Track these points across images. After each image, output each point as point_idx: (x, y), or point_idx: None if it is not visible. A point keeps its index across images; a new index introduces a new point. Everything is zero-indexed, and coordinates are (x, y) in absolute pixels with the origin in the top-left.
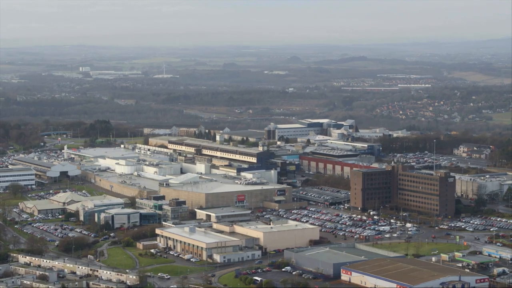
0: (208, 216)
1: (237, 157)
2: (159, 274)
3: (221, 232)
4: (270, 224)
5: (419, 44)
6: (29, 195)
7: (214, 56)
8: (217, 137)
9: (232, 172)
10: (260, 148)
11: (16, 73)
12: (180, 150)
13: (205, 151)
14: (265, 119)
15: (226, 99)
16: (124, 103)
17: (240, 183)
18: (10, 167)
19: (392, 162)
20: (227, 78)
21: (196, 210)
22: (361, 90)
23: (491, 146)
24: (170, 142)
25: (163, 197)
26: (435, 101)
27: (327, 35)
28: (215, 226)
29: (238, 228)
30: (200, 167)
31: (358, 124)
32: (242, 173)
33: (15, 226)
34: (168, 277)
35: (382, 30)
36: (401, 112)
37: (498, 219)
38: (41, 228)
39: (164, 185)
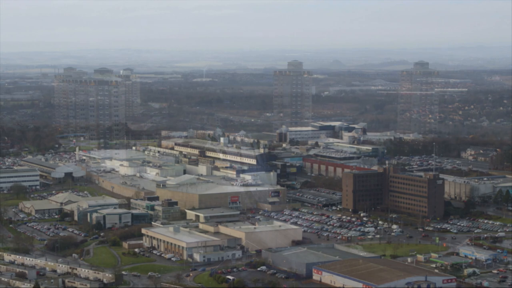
0: (197, 217)
1: (238, 159)
2: (149, 273)
3: (206, 232)
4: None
5: (465, 48)
6: (32, 196)
7: (257, 60)
8: (221, 139)
9: (232, 174)
10: (261, 150)
11: (57, 77)
12: (186, 152)
13: (208, 153)
14: (294, 122)
15: (259, 102)
16: (157, 106)
17: (236, 184)
18: (16, 168)
19: (386, 164)
20: (266, 82)
21: (186, 210)
22: (395, 94)
23: (497, 149)
24: (176, 144)
25: (157, 198)
26: (466, 105)
27: (371, 39)
28: (200, 226)
29: (222, 229)
30: (202, 168)
31: (385, 127)
32: (242, 175)
33: (10, 225)
34: (159, 276)
35: (428, 33)
36: (430, 116)
37: (485, 221)
38: (34, 227)
39: (161, 186)
